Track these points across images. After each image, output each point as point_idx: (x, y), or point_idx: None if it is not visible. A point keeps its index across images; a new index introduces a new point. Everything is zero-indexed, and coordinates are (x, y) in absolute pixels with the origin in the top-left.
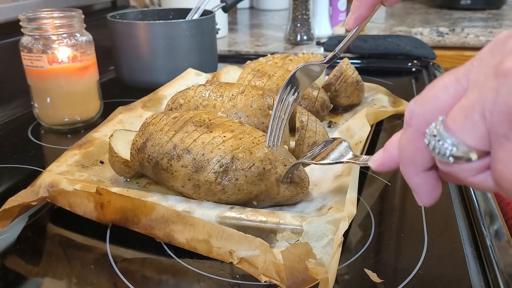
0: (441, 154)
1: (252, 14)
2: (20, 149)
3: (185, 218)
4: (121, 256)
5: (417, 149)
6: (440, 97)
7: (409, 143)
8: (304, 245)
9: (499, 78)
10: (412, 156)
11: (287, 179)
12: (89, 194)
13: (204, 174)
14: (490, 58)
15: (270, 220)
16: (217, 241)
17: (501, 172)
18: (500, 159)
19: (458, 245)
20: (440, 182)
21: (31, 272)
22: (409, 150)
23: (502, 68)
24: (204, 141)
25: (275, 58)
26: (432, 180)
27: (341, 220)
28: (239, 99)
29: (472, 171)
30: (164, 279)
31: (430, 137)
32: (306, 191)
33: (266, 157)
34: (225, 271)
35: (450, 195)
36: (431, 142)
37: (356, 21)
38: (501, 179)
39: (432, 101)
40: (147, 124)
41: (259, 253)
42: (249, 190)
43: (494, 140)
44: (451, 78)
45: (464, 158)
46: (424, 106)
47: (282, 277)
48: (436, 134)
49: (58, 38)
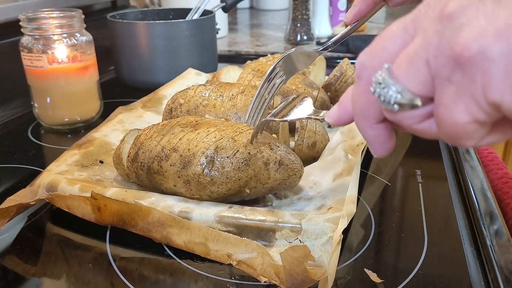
0: (386, 101)
1: (252, 14)
2: (20, 149)
3: (181, 222)
4: (121, 255)
5: (368, 102)
6: (388, 48)
7: (360, 96)
8: (303, 248)
9: (443, 21)
10: (364, 108)
11: (256, 139)
12: (85, 199)
13: (191, 168)
14: (436, 3)
15: (269, 219)
16: (213, 244)
17: (443, 116)
18: (442, 102)
19: (458, 245)
20: (393, 133)
21: (30, 271)
22: (361, 103)
23: (446, 10)
24: (189, 138)
25: (275, 58)
26: (385, 132)
27: (340, 218)
28: (239, 98)
29: (417, 118)
30: (163, 278)
31: (376, 85)
32: (298, 173)
33: (250, 142)
34: (224, 271)
35: (450, 195)
36: (377, 90)
37: (356, 16)
38: (443, 123)
39: (380, 52)
40: (138, 136)
41: (256, 255)
42: (237, 177)
43: (438, 85)
44: (399, 27)
45: (409, 105)
46: (373, 57)
47: (282, 278)
48: (382, 81)
49: (58, 38)
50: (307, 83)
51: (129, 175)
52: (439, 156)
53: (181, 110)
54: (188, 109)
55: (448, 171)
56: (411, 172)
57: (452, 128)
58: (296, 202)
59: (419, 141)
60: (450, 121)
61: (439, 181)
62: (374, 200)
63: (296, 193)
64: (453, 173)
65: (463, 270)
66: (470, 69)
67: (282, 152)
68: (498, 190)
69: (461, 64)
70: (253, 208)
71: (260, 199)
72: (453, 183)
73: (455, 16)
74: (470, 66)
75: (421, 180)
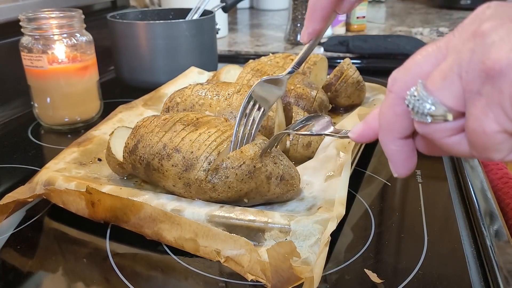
0: (420, 113)
1: (252, 14)
2: (20, 149)
3: (172, 218)
4: (117, 251)
5: (396, 115)
6: (421, 65)
7: (389, 109)
8: (289, 244)
9: (476, 39)
10: (391, 121)
11: (269, 153)
12: (80, 193)
13: (194, 172)
14: (470, 26)
15: (258, 219)
16: (203, 240)
17: (473, 127)
18: (472, 113)
19: (458, 245)
20: (415, 152)
21: (27, 265)
22: (389, 116)
23: (479, 30)
24: (191, 139)
25: (277, 57)
26: (408, 149)
27: (329, 220)
28: (235, 98)
29: (448, 131)
30: (158, 274)
31: (410, 97)
32: (296, 188)
33: (256, 155)
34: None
35: (450, 195)
36: (411, 102)
37: (310, 35)
38: (473, 134)
39: (413, 69)
40: (138, 127)
41: (245, 252)
42: (239, 188)
43: (468, 98)
44: (433, 47)
45: (441, 117)
46: (406, 73)
47: (268, 276)
48: (416, 94)
49: (58, 38)
50: (306, 83)
51: (124, 165)
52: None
53: (177, 109)
54: (185, 108)
55: (448, 171)
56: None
57: (482, 137)
58: (289, 202)
59: None
60: (479, 131)
61: (439, 181)
62: (374, 200)
63: None
64: (453, 173)
65: (463, 270)
66: (499, 81)
67: (284, 167)
68: (498, 190)
69: (491, 77)
70: (244, 208)
71: None
72: (453, 183)
73: (487, 34)
74: (499, 78)
75: (421, 180)
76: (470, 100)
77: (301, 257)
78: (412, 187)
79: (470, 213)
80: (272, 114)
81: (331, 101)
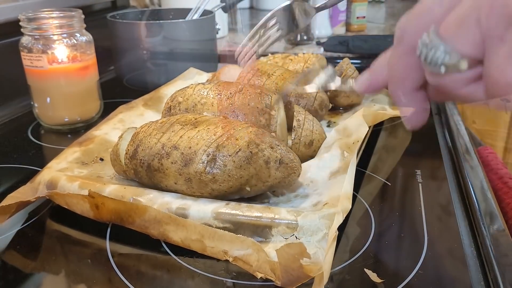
0: (433, 63)
1: (252, 14)
2: (20, 149)
3: (177, 220)
4: (119, 251)
5: (407, 66)
6: (434, 10)
7: (400, 60)
8: (299, 245)
9: None
10: (402, 73)
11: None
12: (83, 197)
13: (193, 166)
14: None
15: (265, 215)
16: (210, 241)
17: (494, 78)
18: (494, 62)
19: (458, 245)
20: (428, 104)
21: (29, 266)
22: (400, 67)
23: None
24: (190, 136)
25: (276, 57)
26: (420, 101)
27: (335, 215)
28: (237, 97)
29: (463, 81)
30: (160, 275)
31: (422, 46)
32: (297, 171)
33: (251, 141)
34: (220, 269)
35: (450, 195)
36: (423, 52)
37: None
38: (495, 86)
39: (425, 14)
40: (137, 134)
41: (252, 252)
42: (239, 175)
43: (489, 45)
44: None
45: (456, 66)
46: (417, 19)
47: (278, 275)
48: (429, 42)
49: (58, 38)
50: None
51: (127, 172)
52: (439, 156)
53: (179, 108)
54: (187, 107)
55: (448, 171)
56: (411, 172)
57: (505, 89)
58: (293, 199)
59: (419, 140)
60: (502, 81)
61: (439, 181)
62: (374, 200)
63: (293, 191)
64: (453, 173)
65: (463, 270)
66: None
67: (282, 151)
68: (498, 190)
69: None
70: (250, 205)
71: (258, 197)
72: (453, 183)
73: None
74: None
75: (421, 180)
76: (491, 48)
77: (311, 255)
78: (412, 187)
79: (470, 213)
80: (274, 113)
81: (331, 100)
